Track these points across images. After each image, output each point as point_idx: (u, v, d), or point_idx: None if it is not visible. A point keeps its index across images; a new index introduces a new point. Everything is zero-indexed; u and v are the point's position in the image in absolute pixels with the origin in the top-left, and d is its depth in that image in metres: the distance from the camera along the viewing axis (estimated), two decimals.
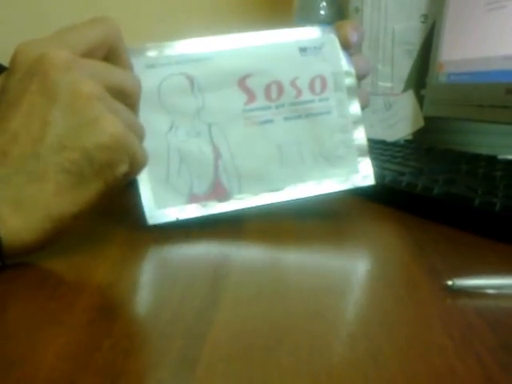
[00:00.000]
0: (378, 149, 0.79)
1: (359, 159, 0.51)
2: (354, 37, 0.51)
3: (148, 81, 0.46)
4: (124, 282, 0.36)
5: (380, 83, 0.98)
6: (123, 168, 0.38)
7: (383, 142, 0.87)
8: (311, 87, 0.50)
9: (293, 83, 0.50)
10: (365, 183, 0.51)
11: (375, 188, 0.59)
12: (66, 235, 0.39)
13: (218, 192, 0.48)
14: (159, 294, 0.34)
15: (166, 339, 0.28)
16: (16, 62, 0.39)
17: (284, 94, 0.49)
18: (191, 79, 0.48)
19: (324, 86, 0.50)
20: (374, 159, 0.68)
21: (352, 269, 0.41)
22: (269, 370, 0.25)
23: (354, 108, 0.51)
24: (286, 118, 0.49)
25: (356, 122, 0.51)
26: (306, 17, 1.02)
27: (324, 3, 1.01)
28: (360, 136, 0.51)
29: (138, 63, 0.47)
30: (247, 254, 0.42)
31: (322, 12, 1.00)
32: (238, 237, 0.46)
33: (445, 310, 0.33)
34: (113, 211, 0.48)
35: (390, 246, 0.48)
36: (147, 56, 0.48)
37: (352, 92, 0.51)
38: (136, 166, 0.40)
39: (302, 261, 0.42)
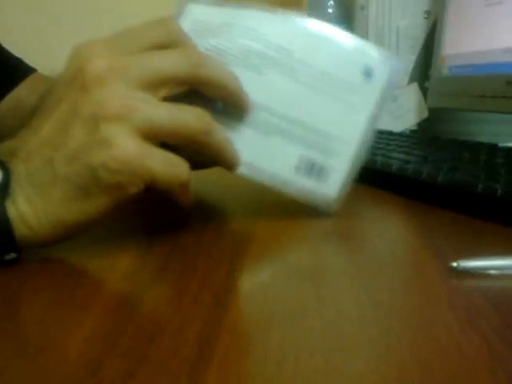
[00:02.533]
0: (384, 139, 0.78)
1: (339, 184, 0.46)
2: None
3: None
4: (147, 270, 0.36)
5: None
6: (133, 190, 0.36)
7: (390, 133, 0.87)
8: None
9: None
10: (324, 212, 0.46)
11: (382, 176, 0.58)
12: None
13: None
14: (179, 281, 0.34)
15: (186, 323, 0.28)
16: (68, 63, 0.38)
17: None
18: None
19: None
20: (380, 149, 0.68)
21: (361, 253, 0.40)
22: (284, 350, 0.25)
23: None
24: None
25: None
26: (314, 14, 1.01)
27: (332, 2, 1.01)
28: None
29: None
30: (260, 242, 0.42)
31: (330, 10, 1.00)
32: (252, 227, 0.46)
33: (450, 291, 0.32)
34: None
35: (397, 230, 0.47)
36: None
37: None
38: (161, 184, 0.37)
39: (313, 245, 0.42)
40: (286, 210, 0.51)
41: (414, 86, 0.97)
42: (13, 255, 0.36)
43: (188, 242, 0.41)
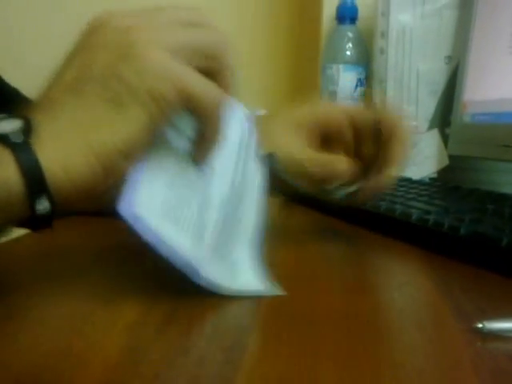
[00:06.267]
0: (403, 186, 0.78)
1: None
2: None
3: None
4: (151, 321, 0.36)
5: None
6: (168, 98, 0.35)
7: (409, 180, 0.87)
8: None
9: None
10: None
11: (401, 226, 0.58)
12: (119, 178, 0.36)
13: None
14: (186, 335, 0.34)
15: (193, 381, 0.28)
16: (96, 29, 0.38)
17: None
18: None
19: None
20: (399, 197, 0.68)
21: (379, 309, 0.40)
22: None
23: None
24: None
25: None
26: (332, 57, 1.02)
27: (350, 44, 1.02)
28: None
29: None
30: (272, 296, 0.42)
31: (348, 53, 1.01)
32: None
33: (475, 354, 0.32)
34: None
35: (416, 286, 0.47)
36: None
37: None
38: (194, 102, 0.37)
39: (327, 299, 0.41)
40: (301, 260, 0.51)
41: (435, 132, 0.97)
42: (46, 206, 0.34)
43: (195, 291, 0.40)
